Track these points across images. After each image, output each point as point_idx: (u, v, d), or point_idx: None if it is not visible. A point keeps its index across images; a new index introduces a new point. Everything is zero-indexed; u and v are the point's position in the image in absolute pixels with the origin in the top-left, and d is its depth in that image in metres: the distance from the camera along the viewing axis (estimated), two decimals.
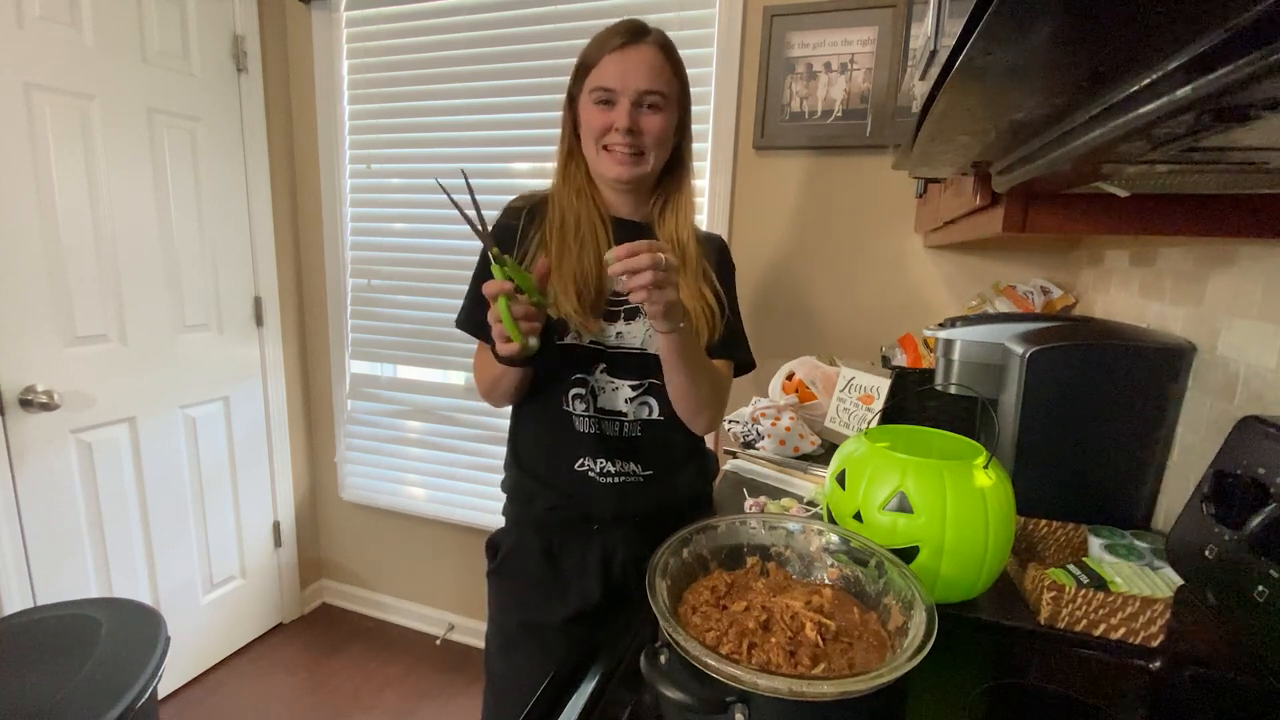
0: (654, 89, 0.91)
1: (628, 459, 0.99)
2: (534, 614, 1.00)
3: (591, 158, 0.96)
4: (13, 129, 1.44)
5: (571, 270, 0.93)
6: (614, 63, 0.91)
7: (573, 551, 1.00)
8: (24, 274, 1.48)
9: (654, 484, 1.00)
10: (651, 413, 1.00)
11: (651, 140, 0.93)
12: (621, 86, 0.90)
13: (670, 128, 0.95)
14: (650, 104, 0.91)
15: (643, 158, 0.93)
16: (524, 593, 1.02)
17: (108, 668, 1.09)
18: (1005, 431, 0.91)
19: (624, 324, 0.97)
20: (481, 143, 1.88)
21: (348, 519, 2.34)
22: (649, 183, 1.00)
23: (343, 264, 2.11)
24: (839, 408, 1.33)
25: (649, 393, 0.99)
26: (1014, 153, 0.56)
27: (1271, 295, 0.71)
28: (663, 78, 0.92)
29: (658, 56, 0.92)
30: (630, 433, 0.99)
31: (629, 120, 0.90)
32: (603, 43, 0.92)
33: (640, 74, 0.90)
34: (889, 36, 1.45)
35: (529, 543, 1.02)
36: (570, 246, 0.94)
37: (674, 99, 0.95)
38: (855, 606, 0.59)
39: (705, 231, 1.09)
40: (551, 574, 1.00)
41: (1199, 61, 0.29)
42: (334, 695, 1.96)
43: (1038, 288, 1.35)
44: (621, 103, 0.90)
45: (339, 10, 1.93)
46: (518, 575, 1.03)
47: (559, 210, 0.97)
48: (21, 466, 1.51)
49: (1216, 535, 0.56)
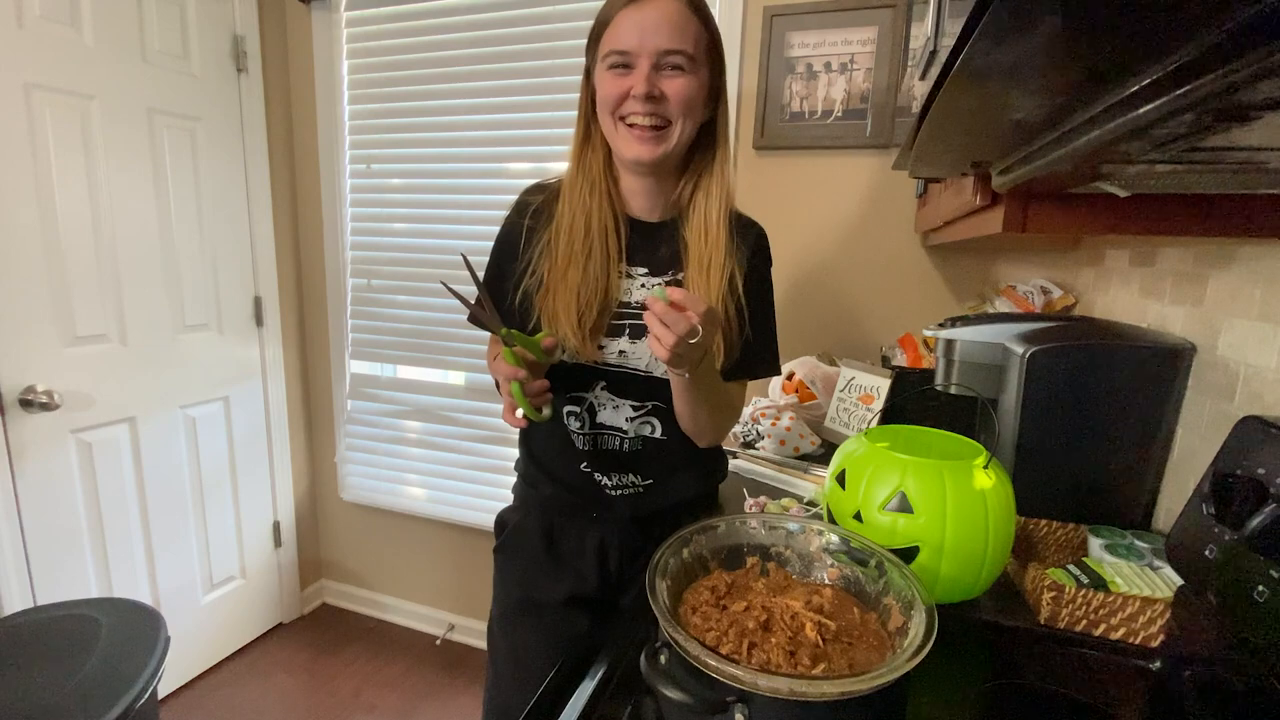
0: (677, 48, 0.78)
1: (626, 471, 0.96)
2: (533, 591, 0.99)
3: (610, 135, 0.84)
4: (13, 129, 1.44)
5: (575, 285, 0.84)
6: (629, 19, 0.78)
7: (571, 536, 0.99)
8: (24, 274, 1.48)
9: (654, 491, 0.98)
10: (654, 431, 0.94)
11: (677, 107, 0.80)
12: (639, 46, 0.78)
13: (699, 92, 0.82)
14: (673, 65, 0.79)
15: (666, 132, 0.81)
16: (524, 569, 1.00)
17: (108, 668, 1.09)
18: (1005, 431, 0.91)
19: (628, 341, 0.89)
20: (481, 143, 1.88)
21: (348, 519, 2.34)
22: (675, 164, 0.88)
23: (343, 264, 2.11)
24: (839, 408, 1.33)
25: (652, 414, 0.93)
26: (1014, 153, 0.57)
27: (1271, 295, 0.71)
28: (688, 34, 0.79)
29: (681, 9, 0.79)
30: (630, 448, 0.94)
31: (648, 84, 0.78)
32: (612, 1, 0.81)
33: (661, 30, 0.77)
34: (889, 36, 1.45)
35: (533, 522, 1.01)
36: (578, 256, 0.85)
37: (703, 58, 0.81)
38: (855, 606, 0.59)
39: (746, 218, 0.96)
40: (551, 554, 0.99)
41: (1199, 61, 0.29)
42: (334, 695, 1.96)
43: (1038, 288, 1.35)
44: (640, 65, 0.78)
45: (339, 10, 1.93)
46: (519, 552, 1.02)
47: (569, 209, 0.87)
48: (21, 466, 1.50)
49: (1216, 535, 0.56)
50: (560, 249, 0.86)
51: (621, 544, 0.98)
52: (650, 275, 0.90)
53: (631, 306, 0.89)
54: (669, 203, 0.91)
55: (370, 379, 2.20)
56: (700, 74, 0.81)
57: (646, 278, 0.90)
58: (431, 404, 2.10)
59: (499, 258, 0.95)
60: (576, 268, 0.85)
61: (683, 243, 0.89)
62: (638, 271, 0.90)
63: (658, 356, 0.72)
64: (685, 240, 0.89)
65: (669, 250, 0.90)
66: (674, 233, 0.90)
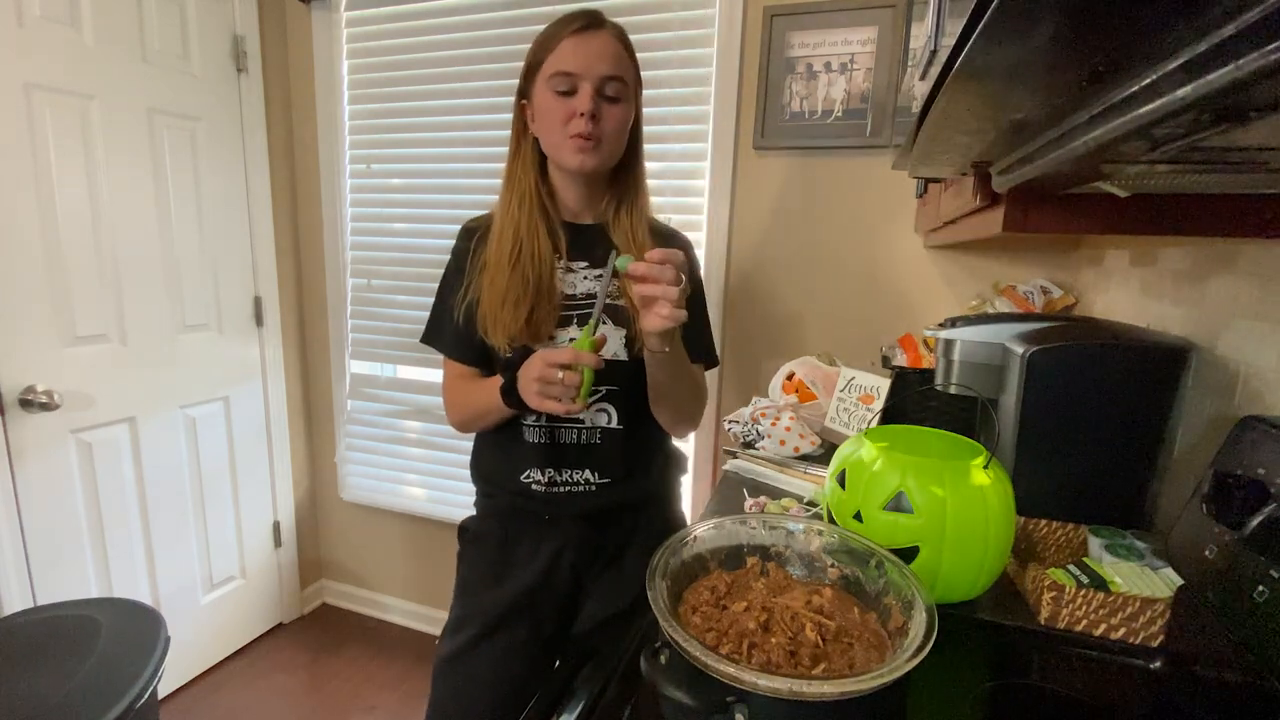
0: (617, 74, 0.88)
1: (581, 467, 0.97)
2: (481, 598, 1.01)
3: (554, 149, 0.92)
4: (13, 129, 1.44)
5: (502, 288, 0.91)
6: (574, 46, 0.87)
7: (525, 541, 1.01)
8: (24, 274, 1.48)
9: (607, 490, 0.99)
10: (610, 420, 0.97)
11: (612, 130, 0.90)
12: (584, 70, 0.87)
13: (628, 121, 0.93)
14: (611, 93, 0.89)
15: (600, 146, 0.90)
16: (476, 576, 1.03)
17: (108, 668, 1.09)
18: (1005, 431, 0.91)
19: (577, 329, 0.94)
20: (481, 143, 1.88)
21: (348, 519, 2.34)
22: (604, 178, 0.98)
23: (343, 264, 2.11)
24: (839, 408, 1.33)
25: (605, 399, 0.97)
26: (1014, 153, 0.56)
27: (1271, 295, 0.71)
28: (622, 65, 0.90)
29: (617, 45, 0.90)
30: (588, 440, 0.97)
31: (592, 105, 0.87)
32: (558, 29, 0.89)
33: (604, 59, 0.88)
34: (889, 36, 1.45)
35: (490, 529, 1.04)
36: (504, 262, 0.92)
37: (633, 90, 0.92)
38: (855, 606, 0.59)
39: (666, 227, 1.07)
40: (503, 559, 1.01)
41: (1199, 61, 0.29)
42: (334, 695, 1.96)
43: (1038, 288, 1.35)
44: (584, 88, 0.87)
45: (339, 10, 1.93)
46: (475, 559, 1.05)
47: (498, 223, 0.95)
48: (21, 466, 1.51)
49: (1216, 535, 0.56)
50: (490, 258, 0.94)
51: (578, 544, 0.99)
52: (591, 268, 0.98)
53: (577, 298, 0.96)
54: (598, 210, 1.00)
55: (370, 379, 2.20)
56: (630, 104, 0.93)
57: (588, 269, 0.98)
58: (431, 404, 2.10)
59: (446, 280, 1.03)
60: (503, 272, 0.92)
61: (611, 244, 0.98)
62: (578, 265, 0.98)
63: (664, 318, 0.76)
64: (614, 241, 0.98)
65: (604, 249, 0.97)
66: (603, 235, 0.99)
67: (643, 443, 1.02)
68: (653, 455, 1.05)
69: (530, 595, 0.99)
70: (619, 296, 0.96)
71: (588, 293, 0.96)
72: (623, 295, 0.95)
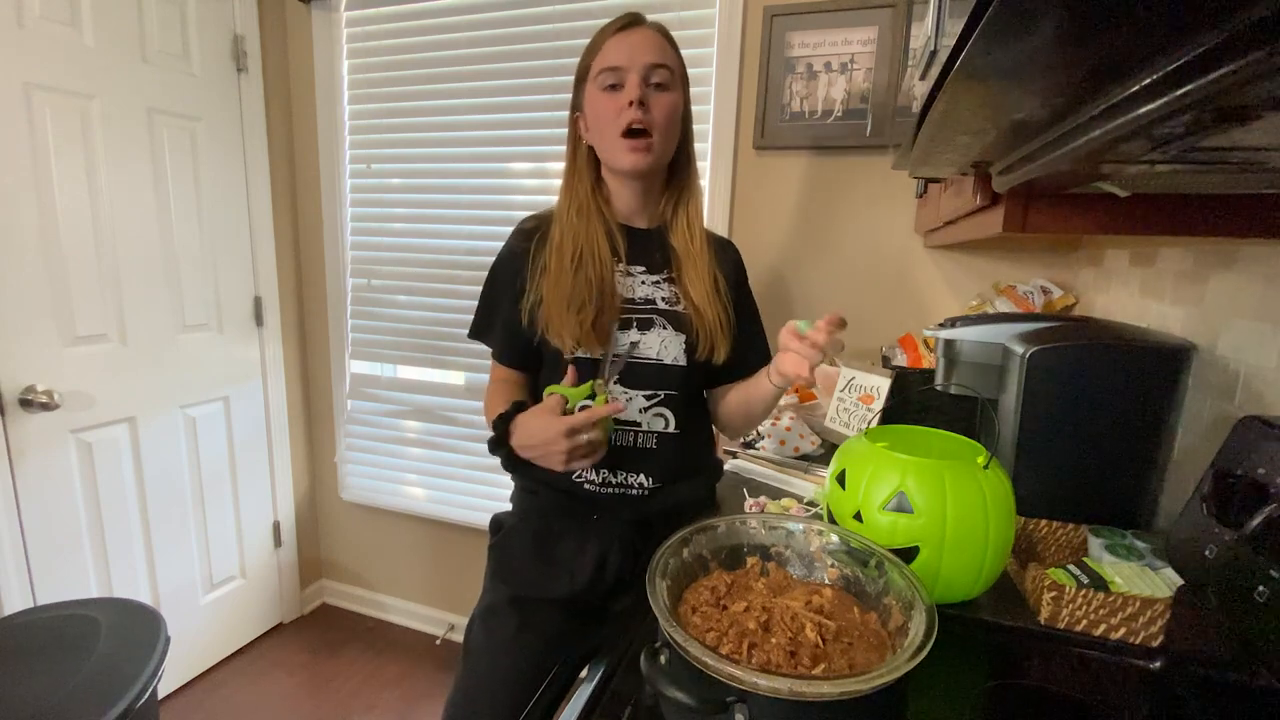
0: (661, 62, 0.92)
1: (635, 471, 0.98)
2: (525, 589, 0.99)
3: (607, 152, 0.95)
4: (13, 129, 1.44)
5: (566, 293, 0.93)
6: (618, 42, 0.92)
7: (570, 539, 0.99)
8: (24, 274, 1.48)
9: (659, 494, 0.99)
10: (667, 425, 0.98)
11: (662, 119, 0.93)
12: (629, 61, 0.91)
13: (679, 110, 0.95)
14: (658, 81, 0.92)
15: (651, 142, 0.92)
16: (518, 568, 1.01)
17: (108, 668, 1.09)
18: (1005, 431, 0.91)
19: (638, 333, 0.97)
20: (481, 143, 1.88)
21: (348, 519, 2.34)
22: (660, 178, 1.01)
23: (343, 264, 2.11)
24: (839, 408, 1.33)
25: (664, 404, 0.98)
26: (1014, 153, 0.56)
27: (1271, 295, 0.71)
28: (667, 55, 0.93)
29: (660, 38, 0.94)
30: (644, 444, 0.98)
31: (640, 92, 0.90)
32: (601, 34, 0.94)
33: (647, 49, 0.91)
34: (889, 36, 1.45)
35: (530, 522, 1.03)
36: (567, 269, 0.94)
37: (679, 79, 0.95)
38: (855, 606, 0.59)
39: (721, 237, 1.10)
40: (546, 554, 1.00)
41: (1199, 61, 0.29)
42: (334, 695, 1.96)
43: (1038, 288, 1.35)
44: (631, 78, 0.91)
45: (339, 10, 1.93)
46: (514, 551, 1.03)
47: (559, 232, 0.98)
48: (21, 466, 1.51)
49: (1216, 535, 0.56)
50: (553, 266, 0.96)
51: (622, 548, 0.98)
52: (648, 273, 1.01)
53: (636, 301, 0.98)
54: (655, 213, 1.03)
55: (370, 379, 2.20)
56: (678, 93, 0.95)
57: (645, 274, 1.01)
58: (431, 404, 2.10)
59: (496, 275, 1.05)
60: (567, 278, 0.94)
61: (670, 248, 1.02)
62: (636, 270, 1.01)
63: (798, 374, 0.82)
64: (672, 246, 1.01)
65: (661, 254, 1.01)
66: (662, 239, 1.02)
67: (695, 449, 1.03)
68: (702, 462, 1.06)
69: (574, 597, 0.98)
70: (678, 302, 0.99)
71: (646, 297, 0.99)
72: (682, 300, 0.99)
